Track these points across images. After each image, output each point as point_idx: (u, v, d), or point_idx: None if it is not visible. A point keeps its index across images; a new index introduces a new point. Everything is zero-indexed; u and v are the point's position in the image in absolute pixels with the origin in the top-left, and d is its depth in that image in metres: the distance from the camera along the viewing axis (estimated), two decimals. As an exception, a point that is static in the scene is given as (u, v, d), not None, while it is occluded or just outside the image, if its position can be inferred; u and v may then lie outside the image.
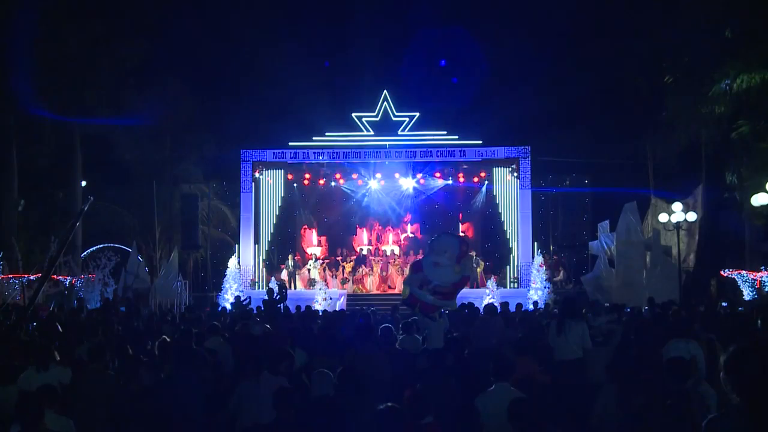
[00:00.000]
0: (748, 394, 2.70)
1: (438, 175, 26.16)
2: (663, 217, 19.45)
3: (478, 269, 24.22)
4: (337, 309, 19.01)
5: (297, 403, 5.29)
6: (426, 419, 4.80)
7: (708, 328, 8.41)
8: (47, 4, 22.31)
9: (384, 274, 24.28)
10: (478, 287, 23.06)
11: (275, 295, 15.15)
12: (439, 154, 24.19)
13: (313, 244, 26.83)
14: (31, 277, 19.41)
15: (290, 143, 24.52)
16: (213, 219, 28.25)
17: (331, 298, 21.32)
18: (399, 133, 24.50)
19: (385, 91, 24.78)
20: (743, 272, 19.33)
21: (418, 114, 24.72)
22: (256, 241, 24.82)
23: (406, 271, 24.06)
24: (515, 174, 24.47)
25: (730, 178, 21.74)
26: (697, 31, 20.98)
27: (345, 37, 29.86)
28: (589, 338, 8.26)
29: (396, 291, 23.67)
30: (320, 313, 15.61)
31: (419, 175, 26.23)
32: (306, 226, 27.42)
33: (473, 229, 27.80)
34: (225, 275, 22.71)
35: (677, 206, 18.95)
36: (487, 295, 21.14)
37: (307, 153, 24.49)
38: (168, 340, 8.35)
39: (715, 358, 7.34)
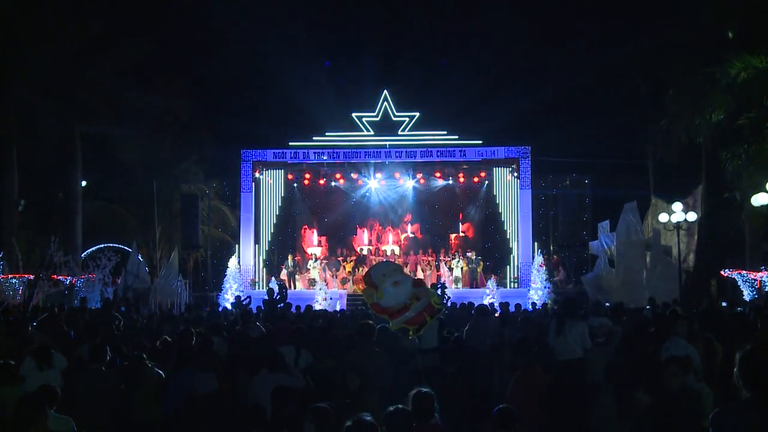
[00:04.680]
0: (758, 390, 2.86)
1: (438, 175, 26.18)
2: (663, 217, 19.45)
3: (478, 269, 24.27)
4: (337, 309, 19.03)
5: (294, 402, 5.29)
6: (432, 419, 4.80)
7: (707, 327, 8.42)
8: (47, 4, 22.29)
9: (384, 274, 24.24)
10: (478, 287, 23.11)
11: (275, 295, 15.16)
12: (439, 154, 24.20)
13: (313, 244, 26.84)
14: (31, 278, 19.43)
15: (290, 143, 24.54)
16: (213, 219, 28.25)
17: (331, 298, 21.33)
18: (399, 133, 24.51)
19: (385, 91, 24.81)
20: (743, 272, 19.31)
21: (418, 114, 24.74)
22: (256, 241, 24.84)
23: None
24: (515, 174, 24.49)
25: (730, 177, 21.74)
26: (697, 30, 20.99)
27: (345, 37, 29.88)
28: (589, 338, 8.26)
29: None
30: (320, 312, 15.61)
31: (419, 175, 26.26)
32: (306, 226, 27.43)
33: (473, 229, 27.84)
34: (225, 275, 22.72)
35: (677, 206, 18.95)
36: (487, 295, 21.17)
37: (307, 153, 24.51)
38: (169, 339, 8.38)
39: (712, 358, 7.35)
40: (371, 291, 6.93)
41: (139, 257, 22.44)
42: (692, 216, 19.12)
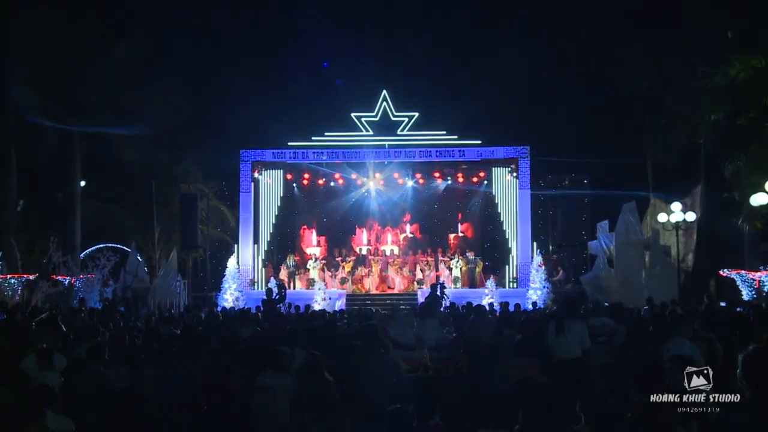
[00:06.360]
0: (761, 390, 2.90)
1: (437, 175, 26.17)
2: (662, 217, 19.46)
3: (477, 269, 24.27)
4: (336, 309, 19.03)
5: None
6: (433, 420, 4.80)
7: (707, 327, 8.42)
8: (46, 4, 22.28)
9: (383, 274, 24.29)
10: (477, 287, 23.11)
11: (274, 295, 15.16)
12: (438, 154, 24.18)
13: (313, 245, 26.83)
14: (30, 278, 19.42)
15: (289, 143, 24.50)
16: (212, 219, 28.24)
17: (330, 298, 21.32)
18: (398, 133, 24.49)
19: (384, 91, 24.76)
20: (742, 272, 19.32)
21: (417, 114, 24.70)
22: (255, 241, 24.81)
23: (405, 271, 24.20)
24: (514, 174, 24.48)
25: (729, 177, 21.76)
26: (696, 29, 20.99)
27: (344, 37, 29.86)
28: (588, 338, 8.27)
29: (395, 291, 23.71)
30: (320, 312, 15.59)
31: (418, 175, 26.25)
32: (305, 226, 27.41)
33: (472, 229, 27.84)
34: (224, 275, 22.69)
35: (676, 206, 18.96)
36: (486, 295, 21.17)
37: (307, 153, 24.48)
38: (169, 339, 8.38)
39: (715, 358, 7.34)
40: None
41: (138, 257, 22.43)
42: (691, 216, 19.13)
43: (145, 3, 26.34)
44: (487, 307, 13.67)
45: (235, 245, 24.50)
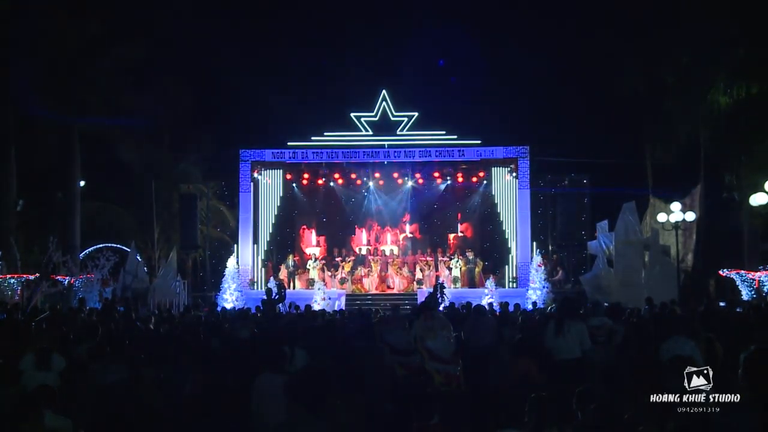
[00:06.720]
0: (761, 390, 2.89)
1: (437, 174, 26.16)
2: (661, 217, 19.47)
3: (477, 269, 24.26)
4: (336, 309, 19.04)
5: None
6: (433, 420, 4.79)
7: (707, 327, 8.42)
8: (46, 4, 22.29)
9: (383, 274, 24.29)
10: (476, 287, 23.12)
11: (274, 295, 15.16)
12: (437, 153, 24.17)
13: (312, 245, 26.82)
14: (30, 277, 19.42)
15: (289, 143, 24.50)
16: (212, 219, 28.22)
17: (330, 298, 21.32)
18: (398, 132, 24.47)
19: (383, 91, 24.75)
20: (742, 272, 19.33)
21: (416, 114, 24.68)
22: (255, 241, 24.80)
23: (405, 271, 24.19)
24: (514, 174, 24.48)
25: (729, 177, 21.78)
26: (696, 30, 21.02)
27: (344, 37, 29.89)
28: (588, 338, 8.26)
29: (395, 291, 23.71)
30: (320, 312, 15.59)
31: (418, 175, 26.24)
32: (305, 227, 27.40)
33: (472, 229, 27.83)
34: (224, 275, 22.69)
35: (675, 206, 18.97)
36: (486, 295, 21.17)
37: (306, 153, 24.48)
38: (169, 339, 8.38)
39: (714, 357, 7.34)
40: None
41: (138, 257, 22.43)
42: (690, 216, 19.15)
43: (145, 3, 26.36)
44: (487, 307, 13.68)
45: (235, 245, 24.49)
